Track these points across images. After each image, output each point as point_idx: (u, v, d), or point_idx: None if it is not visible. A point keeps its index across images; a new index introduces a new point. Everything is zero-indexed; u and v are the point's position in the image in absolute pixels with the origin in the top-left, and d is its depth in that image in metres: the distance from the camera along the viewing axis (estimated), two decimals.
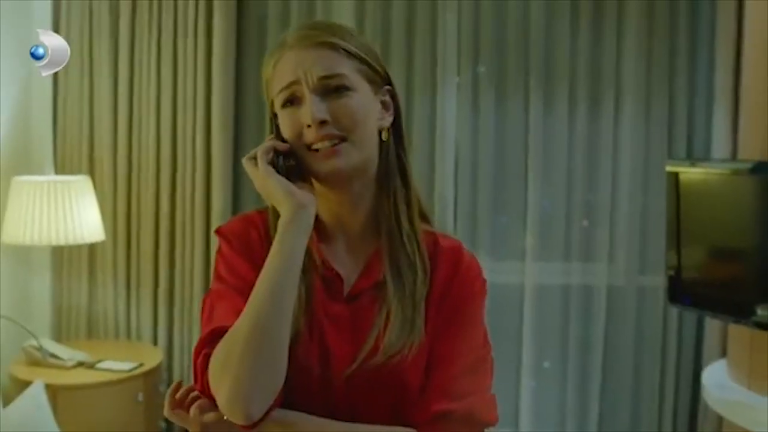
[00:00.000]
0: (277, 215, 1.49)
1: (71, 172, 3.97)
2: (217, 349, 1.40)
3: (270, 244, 1.49)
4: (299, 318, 1.47)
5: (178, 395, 1.54)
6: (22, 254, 3.97)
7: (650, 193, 4.12)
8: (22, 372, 3.56)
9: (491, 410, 1.54)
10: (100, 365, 3.62)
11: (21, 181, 3.62)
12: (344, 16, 4.10)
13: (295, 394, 1.44)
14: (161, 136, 4.03)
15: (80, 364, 3.65)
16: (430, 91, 4.18)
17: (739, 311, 3.21)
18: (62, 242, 3.64)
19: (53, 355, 3.62)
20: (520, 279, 4.22)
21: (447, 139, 4.18)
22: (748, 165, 3.22)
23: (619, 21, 4.09)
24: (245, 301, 1.43)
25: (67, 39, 3.95)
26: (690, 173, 3.46)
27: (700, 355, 4.08)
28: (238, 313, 1.42)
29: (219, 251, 1.58)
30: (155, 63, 4.03)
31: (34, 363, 3.61)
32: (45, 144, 4.07)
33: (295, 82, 1.48)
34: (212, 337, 1.44)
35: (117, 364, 3.65)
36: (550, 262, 4.22)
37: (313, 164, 1.50)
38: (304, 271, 1.47)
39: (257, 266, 1.47)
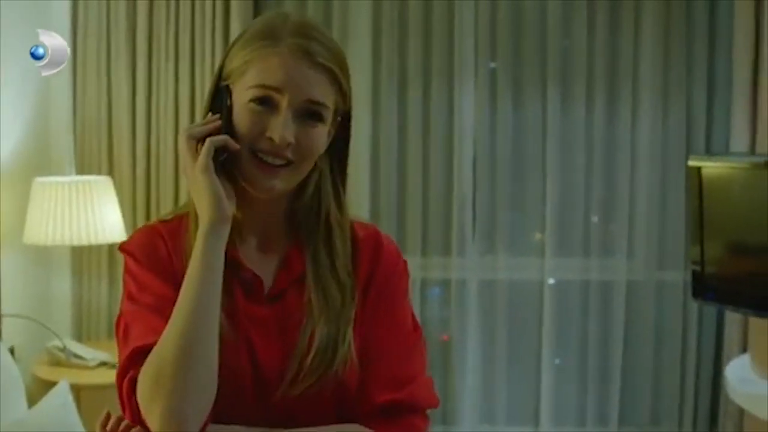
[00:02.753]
0: (197, 220, 1.44)
1: (91, 173, 3.98)
2: (144, 371, 1.34)
3: (178, 254, 1.47)
4: (222, 324, 1.40)
5: (108, 427, 1.45)
6: (43, 254, 3.98)
7: (669, 188, 4.13)
8: (45, 372, 3.57)
9: (431, 394, 1.53)
10: None
11: (42, 182, 3.62)
12: (361, 13, 4.12)
13: (230, 401, 1.40)
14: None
15: (103, 364, 3.65)
16: (447, 88, 4.19)
17: (763, 305, 3.20)
18: (83, 242, 3.63)
19: (76, 356, 3.63)
20: (539, 275, 4.23)
21: (465, 136, 4.19)
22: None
23: (637, 16, 4.09)
24: (161, 319, 1.38)
25: (85, 39, 4.02)
26: (713, 168, 3.46)
27: (720, 350, 4.08)
28: (155, 332, 1.37)
29: (126, 269, 1.50)
30: (173, 63, 4.03)
31: (57, 363, 3.62)
32: (65, 145, 4.07)
33: (279, 90, 1.41)
34: (135, 359, 1.37)
35: None
36: (568, 258, 4.23)
37: (250, 170, 1.44)
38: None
39: (169, 280, 1.44)
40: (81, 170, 4.02)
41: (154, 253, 1.49)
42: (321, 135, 1.46)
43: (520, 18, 4.17)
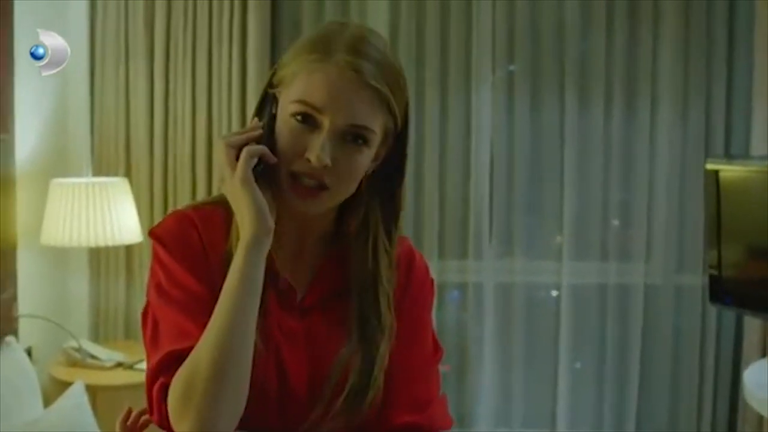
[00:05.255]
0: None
1: (108, 174, 3.99)
2: (177, 380, 1.32)
3: (213, 246, 1.44)
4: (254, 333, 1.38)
5: (129, 422, 1.46)
6: (60, 256, 3.99)
7: (687, 191, 4.09)
8: (62, 373, 3.59)
9: (447, 415, 1.52)
10: (138, 366, 3.63)
11: (59, 183, 3.63)
12: (379, 15, 4.12)
13: (253, 411, 1.36)
14: (197, 138, 4.04)
15: (119, 364, 3.67)
16: (464, 90, 4.18)
17: None
18: (100, 244, 3.64)
19: (92, 356, 3.64)
20: (556, 279, 4.20)
21: (482, 139, 4.17)
22: None
23: (655, 19, 4.06)
24: (192, 321, 1.37)
25: (103, 41, 4.04)
26: (730, 171, 3.43)
27: (739, 355, 4.04)
28: (186, 335, 1.36)
29: (156, 257, 1.46)
30: (190, 66, 4.03)
31: (73, 364, 3.64)
32: (82, 146, 4.09)
33: (321, 110, 1.36)
34: (165, 365, 1.36)
35: None
36: (586, 262, 4.20)
37: (285, 187, 1.40)
38: None
39: (201, 275, 1.42)
40: (98, 171, 4.03)
41: (186, 244, 1.45)
42: (363, 158, 1.41)
43: (538, 20, 4.15)
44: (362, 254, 1.48)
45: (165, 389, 1.34)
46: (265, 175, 1.40)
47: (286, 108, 1.40)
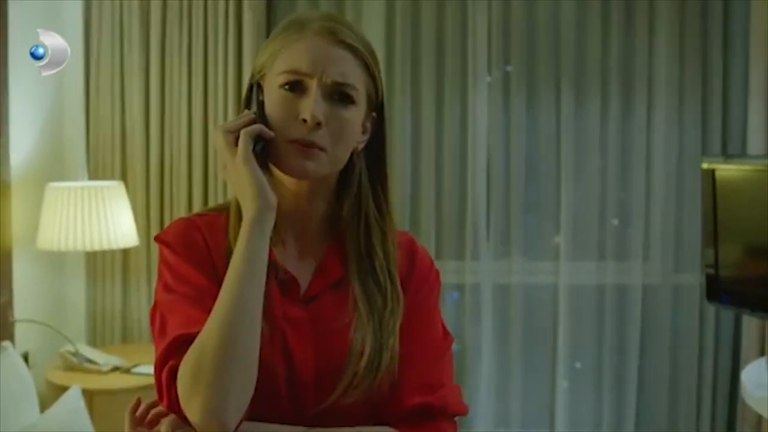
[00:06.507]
0: (238, 214, 1.45)
1: (104, 178, 3.98)
2: (185, 361, 1.33)
3: (217, 247, 1.47)
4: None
5: (138, 412, 1.46)
6: (57, 260, 3.99)
7: (684, 190, 4.09)
8: (59, 377, 3.58)
9: (461, 401, 1.54)
10: (135, 370, 3.62)
11: (55, 187, 3.62)
12: (374, 16, 4.11)
13: (263, 399, 1.38)
14: (193, 141, 4.04)
15: (116, 368, 3.66)
16: (461, 91, 4.17)
17: None
18: (96, 248, 3.64)
19: (89, 361, 3.63)
20: (553, 279, 4.20)
21: (479, 139, 4.17)
22: None
23: (651, 18, 4.06)
24: (200, 310, 1.38)
25: (98, 44, 4.03)
26: (727, 170, 3.42)
27: (737, 354, 4.04)
28: (194, 322, 1.37)
29: (162, 260, 1.50)
30: (186, 69, 4.03)
31: (70, 368, 3.63)
32: (78, 150, 4.09)
33: (307, 74, 1.43)
34: (175, 348, 1.37)
35: (152, 369, 3.64)
36: (584, 262, 4.20)
37: (284, 155, 1.44)
38: None
39: (207, 271, 1.45)
40: (94, 175, 4.03)
41: (191, 245, 1.49)
42: (352, 117, 1.46)
43: (534, 20, 4.15)
44: (355, 229, 1.52)
45: (174, 372, 1.35)
46: (263, 157, 1.44)
47: (274, 83, 1.46)
